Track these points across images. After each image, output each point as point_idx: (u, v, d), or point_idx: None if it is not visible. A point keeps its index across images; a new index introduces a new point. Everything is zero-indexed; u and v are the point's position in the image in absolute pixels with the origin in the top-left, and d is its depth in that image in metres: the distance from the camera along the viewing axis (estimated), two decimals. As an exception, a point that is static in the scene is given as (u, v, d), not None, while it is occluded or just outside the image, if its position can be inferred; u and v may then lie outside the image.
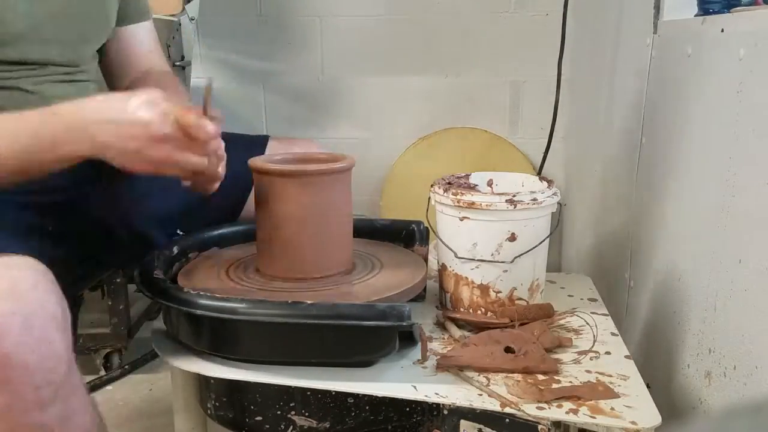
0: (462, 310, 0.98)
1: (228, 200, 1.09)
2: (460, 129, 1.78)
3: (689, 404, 0.92)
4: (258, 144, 1.12)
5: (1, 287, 0.63)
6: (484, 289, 0.96)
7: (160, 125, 0.76)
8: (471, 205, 0.92)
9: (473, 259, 0.95)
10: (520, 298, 0.96)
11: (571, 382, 0.80)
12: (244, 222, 1.09)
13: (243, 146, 1.09)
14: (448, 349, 0.88)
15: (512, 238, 0.93)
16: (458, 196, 0.93)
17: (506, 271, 0.94)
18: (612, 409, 0.74)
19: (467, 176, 1.07)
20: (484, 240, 0.93)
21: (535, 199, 0.92)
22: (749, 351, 0.78)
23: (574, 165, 1.72)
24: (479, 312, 0.97)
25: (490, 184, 1.08)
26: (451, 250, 0.97)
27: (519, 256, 0.93)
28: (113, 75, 1.08)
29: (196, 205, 1.05)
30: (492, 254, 0.94)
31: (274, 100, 1.86)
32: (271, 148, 1.12)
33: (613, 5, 1.36)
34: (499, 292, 0.95)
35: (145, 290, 0.84)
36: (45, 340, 0.64)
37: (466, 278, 0.96)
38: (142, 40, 1.07)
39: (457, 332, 0.93)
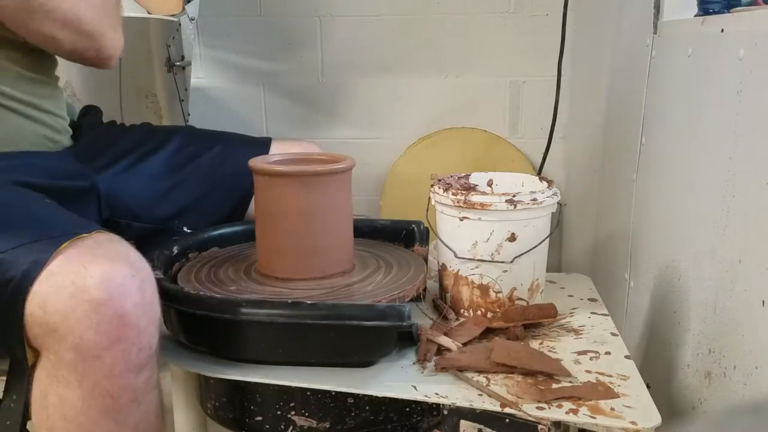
0: (462, 310, 0.98)
1: (232, 200, 1.09)
2: (460, 129, 1.78)
3: (689, 404, 0.92)
4: (261, 145, 1.12)
5: (116, 253, 0.69)
6: (484, 289, 0.95)
7: None
8: (471, 205, 0.92)
9: (473, 259, 0.95)
10: (520, 299, 0.96)
11: (571, 382, 0.80)
12: (244, 222, 1.09)
13: (246, 146, 1.10)
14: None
15: (512, 238, 0.93)
16: (458, 196, 0.93)
17: (506, 271, 0.94)
18: (612, 409, 0.74)
19: (467, 176, 1.07)
20: (484, 240, 0.93)
21: (535, 199, 0.92)
22: (749, 351, 0.78)
23: (574, 165, 1.72)
24: (479, 312, 0.97)
25: (490, 184, 1.08)
26: (451, 250, 0.97)
27: (519, 256, 0.93)
28: None
29: (201, 203, 1.06)
30: (492, 254, 0.94)
31: (274, 100, 1.86)
32: (274, 150, 1.13)
33: (613, 5, 1.36)
34: (499, 292, 0.95)
35: (145, 290, 0.84)
36: (153, 305, 0.70)
37: (466, 278, 0.96)
38: None
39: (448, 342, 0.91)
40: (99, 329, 0.65)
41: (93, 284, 0.65)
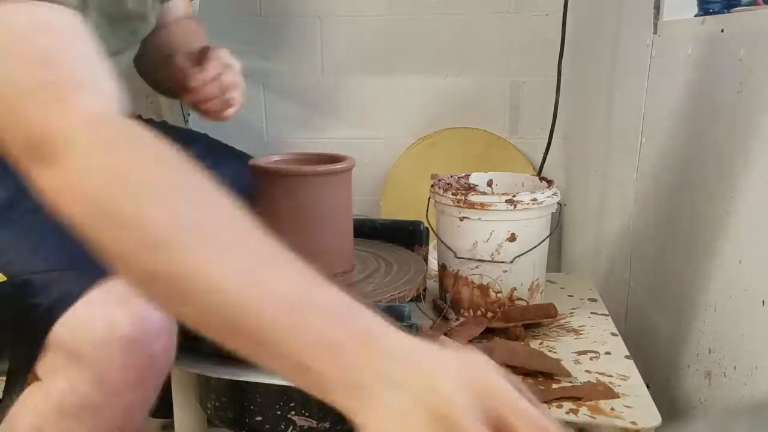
0: (462, 310, 0.98)
1: None
2: (460, 129, 1.78)
3: (689, 404, 0.92)
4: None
5: None
6: (483, 289, 0.95)
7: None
8: (471, 205, 0.92)
9: (473, 259, 0.95)
10: (520, 299, 0.96)
11: (571, 382, 0.80)
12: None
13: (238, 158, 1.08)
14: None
15: (512, 238, 0.93)
16: (458, 196, 0.93)
17: (506, 271, 0.94)
18: (612, 409, 0.74)
19: (467, 176, 1.07)
20: (484, 240, 0.93)
21: (535, 200, 0.92)
22: (749, 351, 0.78)
23: (574, 165, 1.72)
24: (479, 312, 0.97)
25: (489, 184, 1.08)
26: (451, 250, 0.97)
27: (519, 256, 0.93)
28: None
29: None
30: (492, 254, 0.94)
31: (274, 100, 1.85)
32: None
33: (613, 5, 1.36)
34: (499, 292, 0.95)
35: (145, 290, 0.84)
36: (174, 348, 0.69)
37: (466, 278, 0.96)
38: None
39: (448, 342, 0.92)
40: (127, 367, 0.65)
41: (129, 322, 0.65)
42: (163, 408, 0.97)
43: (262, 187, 0.92)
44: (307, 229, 0.90)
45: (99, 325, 0.65)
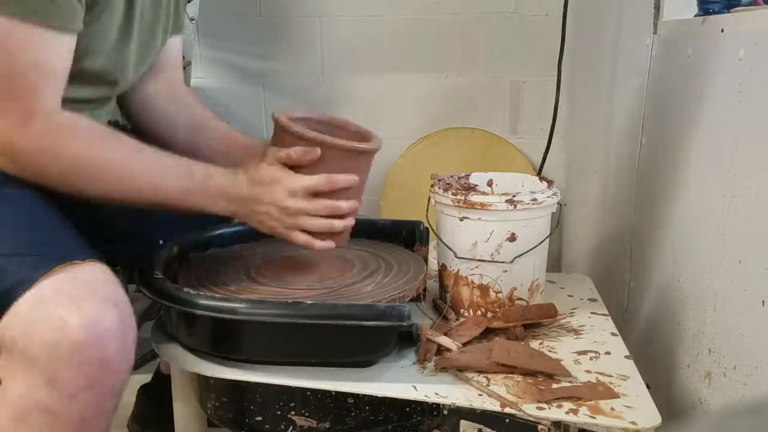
0: (462, 310, 0.98)
1: None
2: (460, 129, 1.78)
3: (689, 404, 0.92)
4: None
5: (106, 295, 0.69)
6: (483, 289, 0.95)
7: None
8: (471, 205, 0.92)
9: (473, 259, 0.95)
10: (520, 299, 0.96)
11: (571, 382, 0.80)
12: (244, 223, 1.08)
13: None
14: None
15: (512, 238, 0.93)
16: (458, 196, 0.93)
17: (506, 271, 0.94)
18: (612, 409, 0.74)
19: (467, 176, 1.07)
20: (484, 240, 0.93)
21: (535, 200, 0.92)
22: (749, 351, 0.78)
23: (574, 165, 1.72)
24: (479, 312, 0.97)
25: (489, 184, 1.08)
26: (451, 250, 0.97)
27: (519, 256, 0.93)
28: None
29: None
30: (492, 254, 0.94)
31: (274, 100, 1.85)
32: None
33: (613, 5, 1.36)
34: (499, 292, 0.95)
35: (145, 290, 0.84)
36: (132, 351, 0.70)
37: (466, 278, 0.96)
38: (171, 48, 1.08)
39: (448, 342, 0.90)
40: (79, 370, 0.65)
41: (80, 324, 0.65)
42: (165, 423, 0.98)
43: (283, 144, 0.87)
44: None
45: (50, 326, 0.65)
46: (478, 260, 0.94)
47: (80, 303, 0.66)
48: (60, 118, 0.78)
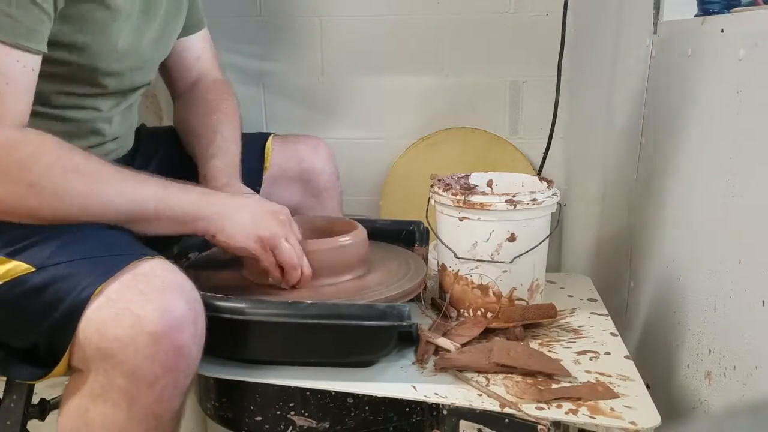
0: (461, 310, 0.98)
1: None
2: (460, 129, 1.78)
3: (689, 404, 0.92)
4: (257, 142, 1.12)
5: (174, 285, 0.71)
6: (483, 289, 0.95)
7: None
8: (470, 206, 0.92)
9: (473, 260, 0.95)
10: (520, 299, 0.96)
11: (570, 382, 0.80)
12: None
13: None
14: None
15: (512, 238, 0.93)
16: (458, 196, 0.93)
17: (506, 271, 0.94)
18: (612, 409, 0.74)
19: (467, 176, 1.07)
20: (484, 240, 0.93)
21: (534, 200, 0.92)
22: (749, 351, 0.78)
23: (574, 165, 1.72)
24: (479, 312, 0.97)
25: (489, 184, 1.08)
26: (451, 250, 0.97)
27: (518, 256, 0.93)
28: (168, 74, 1.11)
29: None
30: (491, 254, 0.94)
31: (274, 100, 1.85)
32: (274, 149, 1.12)
33: (613, 5, 1.36)
34: (499, 292, 0.95)
35: (145, 290, 0.84)
36: (203, 335, 0.72)
37: (466, 278, 0.96)
38: (189, 47, 1.09)
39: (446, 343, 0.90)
40: (156, 360, 0.67)
41: (153, 316, 0.67)
42: None
43: None
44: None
45: (124, 322, 0.67)
46: (477, 260, 0.94)
47: (150, 296, 0.68)
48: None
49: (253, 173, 1.07)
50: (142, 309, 0.67)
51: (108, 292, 0.69)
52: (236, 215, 0.84)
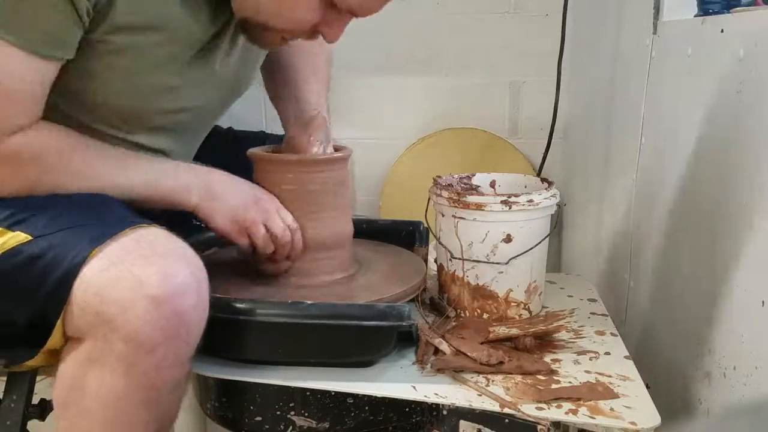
0: (459, 311, 0.98)
1: None
2: (460, 129, 1.78)
3: (689, 404, 0.92)
4: (257, 141, 1.12)
5: (175, 251, 0.69)
6: (479, 289, 0.95)
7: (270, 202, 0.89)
8: (466, 206, 0.92)
9: (469, 260, 0.95)
10: (517, 300, 0.96)
11: (570, 382, 0.80)
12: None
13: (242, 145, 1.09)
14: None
15: (508, 239, 0.93)
16: (454, 197, 0.93)
17: (502, 272, 0.94)
18: (611, 409, 0.74)
19: (470, 177, 1.08)
20: (479, 241, 0.93)
21: (531, 201, 0.92)
22: (749, 351, 0.78)
23: (574, 165, 1.72)
24: (476, 313, 0.97)
25: (492, 185, 1.08)
26: (448, 250, 0.97)
27: (514, 257, 0.93)
28: None
29: None
30: (487, 255, 0.94)
31: (274, 100, 1.85)
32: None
33: (613, 5, 1.36)
34: (495, 293, 0.95)
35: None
36: (206, 302, 0.70)
37: (462, 279, 0.96)
38: None
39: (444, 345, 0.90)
40: (156, 325, 0.65)
41: (155, 280, 0.65)
42: None
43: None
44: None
45: (125, 285, 0.65)
46: (473, 261, 0.94)
47: (151, 260, 0.67)
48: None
49: (252, 171, 1.07)
50: (143, 272, 0.65)
51: (108, 253, 0.67)
52: (221, 197, 0.85)
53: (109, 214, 0.74)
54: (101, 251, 0.67)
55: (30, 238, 0.70)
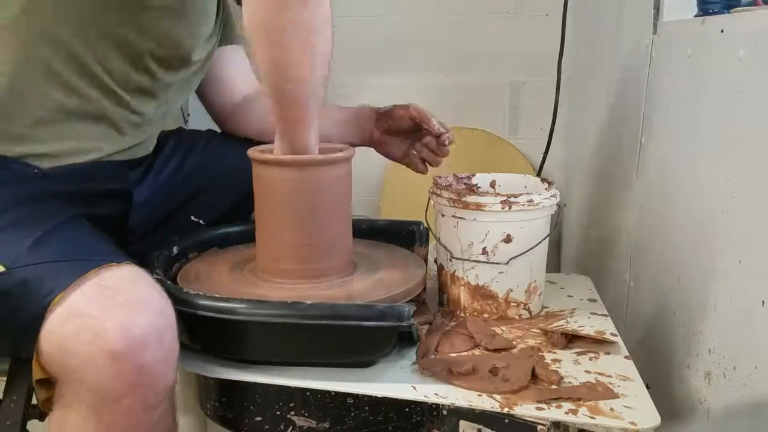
0: (458, 311, 0.98)
1: (233, 193, 1.08)
2: (460, 129, 1.78)
3: (689, 404, 0.92)
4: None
5: (138, 298, 0.69)
6: (479, 289, 0.95)
7: None
8: (466, 206, 0.92)
9: (468, 260, 0.95)
10: (516, 300, 0.96)
11: (570, 382, 0.80)
12: (244, 222, 1.08)
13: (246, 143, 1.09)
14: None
15: (507, 239, 0.93)
16: (453, 197, 0.93)
17: (502, 272, 0.94)
18: (611, 409, 0.74)
19: (470, 177, 1.08)
20: (479, 241, 0.93)
21: (531, 201, 0.92)
22: (749, 351, 0.78)
23: (574, 165, 1.72)
24: (475, 313, 0.97)
25: (492, 185, 1.08)
26: (448, 250, 0.97)
27: (514, 257, 0.93)
28: (209, 95, 1.13)
29: (202, 194, 1.07)
30: (487, 255, 0.94)
31: (274, 100, 1.85)
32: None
33: (613, 5, 1.36)
34: (495, 293, 0.95)
35: (145, 290, 0.84)
36: (172, 350, 0.70)
37: (462, 279, 0.96)
38: (235, 59, 1.13)
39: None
40: (119, 378, 0.66)
41: (112, 336, 0.65)
42: None
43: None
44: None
45: (84, 339, 0.65)
46: (473, 261, 0.94)
47: (110, 312, 0.66)
48: None
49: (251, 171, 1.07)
50: (101, 326, 0.65)
51: (70, 304, 0.67)
52: None
53: (81, 249, 0.74)
54: (64, 299, 0.67)
55: (3, 269, 0.70)
